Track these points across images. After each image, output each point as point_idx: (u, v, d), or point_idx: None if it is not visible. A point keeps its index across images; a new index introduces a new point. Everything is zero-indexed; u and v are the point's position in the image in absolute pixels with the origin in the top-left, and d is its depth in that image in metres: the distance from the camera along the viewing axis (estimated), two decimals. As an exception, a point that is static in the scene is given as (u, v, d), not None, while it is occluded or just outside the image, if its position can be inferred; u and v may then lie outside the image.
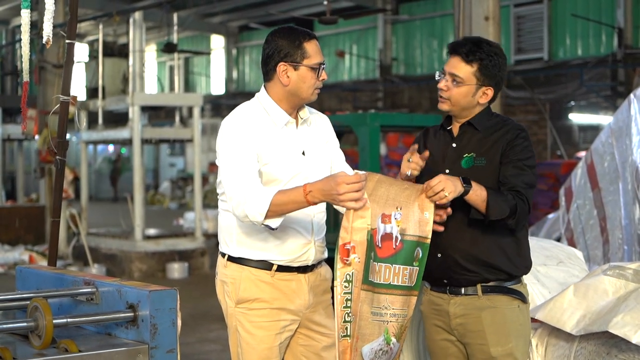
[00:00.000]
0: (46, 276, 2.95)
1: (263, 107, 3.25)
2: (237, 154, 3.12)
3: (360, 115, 7.98)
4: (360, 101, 22.17)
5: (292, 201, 2.96)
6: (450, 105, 3.28)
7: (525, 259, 3.31)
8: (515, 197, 3.11)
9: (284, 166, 3.20)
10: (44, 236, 13.42)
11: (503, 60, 3.27)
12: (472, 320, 3.24)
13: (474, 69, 3.22)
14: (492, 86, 3.25)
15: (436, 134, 3.42)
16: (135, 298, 2.49)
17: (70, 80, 3.69)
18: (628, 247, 5.96)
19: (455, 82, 3.24)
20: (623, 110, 6.41)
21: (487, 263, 3.22)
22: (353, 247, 2.88)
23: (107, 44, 13.37)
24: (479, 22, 6.57)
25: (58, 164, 3.70)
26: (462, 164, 3.25)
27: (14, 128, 15.86)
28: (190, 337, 7.47)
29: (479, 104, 3.27)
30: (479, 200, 3.09)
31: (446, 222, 3.19)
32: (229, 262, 3.28)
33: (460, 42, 3.32)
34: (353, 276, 2.90)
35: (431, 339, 3.41)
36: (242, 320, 3.24)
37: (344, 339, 2.97)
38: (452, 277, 3.27)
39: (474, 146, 3.27)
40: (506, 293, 3.23)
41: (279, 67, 3.19)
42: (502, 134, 3.24)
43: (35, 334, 2.41)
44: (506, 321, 3.21)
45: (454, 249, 3.24)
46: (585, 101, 17.96)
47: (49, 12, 3.23)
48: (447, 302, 3.29)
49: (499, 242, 3.22)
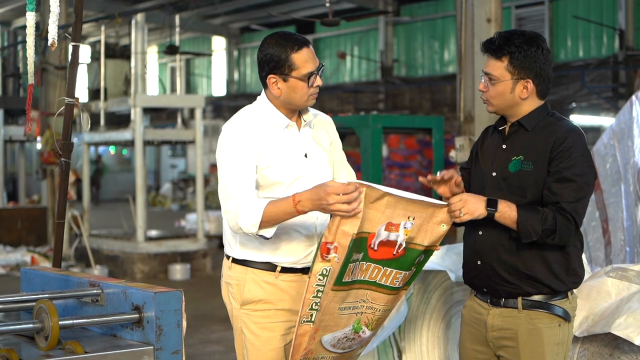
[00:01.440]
0: (51, 278, 2.95)
1: (263, 112, 3.27)
2: (233, 166, 3.14)
3: (363, 117, 7.99)
4: (362, 103, 22.19)
5: (282, 212, 2.98)
6: (492, 106, 3.16)
7: (575, 275, 3.12)
8: (557, 215, 2.94)
9: (286, 169, 3.21)
10: (45, 237, 13.43)
11: (538, 50, 3.07)
12: (509, 336, 3.12)
13: (504, 63, 3.08)
14: (531, 78, 3.07)
15: (492, 135, 3.28)
16: (141, 299, 2.49)
17: (75, 82, 3.70)
18: (630, 249, 5.96)
19: (491, 81, 3.12)
20: (625, 112, 6.41)
21: (527, 275, 3.07)
22: (335, 247, 2.88)
23: (109, 46, 13.40)
24: (481, 24, 6.57)
25: (63, 166, 3.71)
26: (509, 167, 3.10)
27: (16, 129, 15.86)
28: (193, 338, 7.48)
29: (522, 99, 3.10)
30: (508, 222, 2.98)
31: (486, 228, 3.10)
32: (233, 264, 3.30)
33: (491, 39, 3.17)
34: (329, 272, 2.91)
35: (464, 345, 3.32)
36: (247, 321, 3.26)
37: (305, 323, 2.99)
38: (491, 287, 3.15)
39: (522, 148, 3.11)
40: (548, 310, 3.07)
41: (269, 79, 3.19)
42: (549, 136, 3.06)
43: (41, 335, 2.42)
44: (543, 342, 3.07)
45: (493, 257, 3.12)
46: (586, 103, 17.97)
47: (54, 15, 3.24)
48: (487, 312, 3.18)
49: (544, 254, 3.05)
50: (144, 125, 11.79)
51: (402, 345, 4.51)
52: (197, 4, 18.49)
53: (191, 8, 18.49)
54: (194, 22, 23.20)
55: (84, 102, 12.89)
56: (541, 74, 3.09)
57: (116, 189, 28.30)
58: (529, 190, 3.05)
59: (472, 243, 3.20)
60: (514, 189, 3.08)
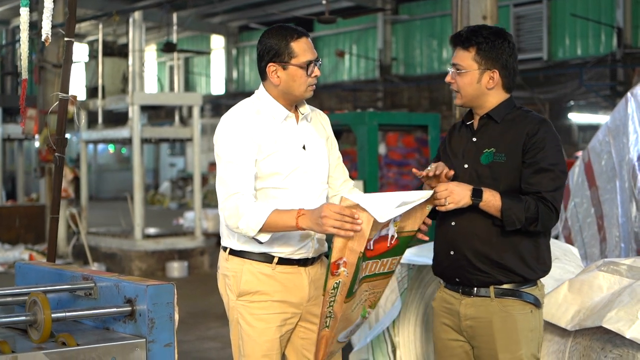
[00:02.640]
0: (45, 272, 2.97)
1: (262, 103, 3.30)
2: (233, 160, 3.17)
3: (359, 115, 8.01)
4: (360, 101, 22.20)
5: (283, 224, 3.04)
6: (461, 97, 3.23)
7: (544, 263, 3.22)
8: (539, 204, 3.03)
9: (284, 159, 3.24)
10: (44, 235, 13.45)
11: (505, 42, 3.17)
12: (483, 324, 3.18)
13: (472, 53, 3.17)
14: (497, 69, 3.16)
15: (460, 130, 3.34)
16: (133, 293, 2.51)
17: (69, 78, 3.72)
18: (625, 245, 5.98)
19: (458, 71, 3.20)
20: (620, 109, 6.43)
21: (499, 264, 3.14)
22: (344, 262, 2.94)
23: (107, 44, 13.40)
24: (477, 21, 6.58)
25: (57, 161, 3.72)
26: (481, 160, 3.17)
27: (14, 128, 15.89)
28: (190, 334, 7.50)
29: (489, 89, 3.18)
30: (492, 210, 3.05)
31: (460, 218, 3.16)
32: (230, 255, 3.32)
33: (459, 32, 3.27)
34: (339, 285, 2.97)
35: (438, 337, 3.36)
36: (243, 312, 3.28)
37: (324, 329, 3.07)
38: (464, 276, 3.21)
39: (493, 140, 3.18)
40: (519, 297, 3.15)
41: (268, 67, 3.24)
42: (522, 128, 3.13)
43: (34, 327, 2.43)
44: (517, 328, 3.14)
45: (467, 247, 3.18)
46: (584, 101, 17.99)
47: (48, 11, 3.26)
48: (458, 302, 3.24)
49: (515, 243, 3.13)
50: (141, 123, 11.81)
51: (396, 340, 4.52)
52: (196, 3, 18.50)
53: (189, 7, 18.50)
54: (193, 20, 23.20)
55: (82, 100, 12.88)
56: (507, 65, 3.19)
57: (115, 187, 28.30)
58: (502, 182, 3.12)
59: (445, 234, 3.26)
60: (487, 181, 3.15)
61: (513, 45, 3.22)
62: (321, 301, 3.34)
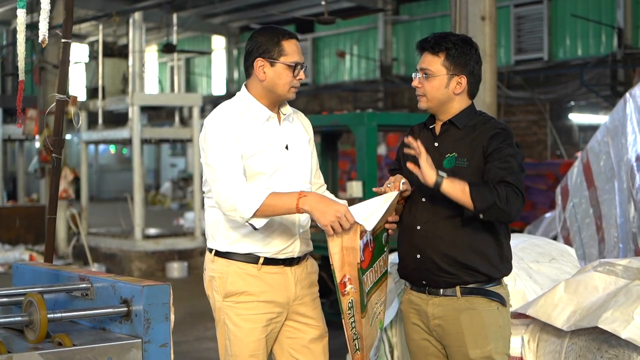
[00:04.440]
0: (42, 272, 2.99)
1: (244, 104, 3.33)
2: (223, 151, 3.19)
3: (358, 115, 8.01)
4: (361, 101, 22.20)
5: (282, 205, 3.06)
6: (427, 101, 3.25)
7: (507, 262, 3.27)
8: (504, 187, 3.04)
9: (268, 159, 3.27)
10: (44, 236, 13.43)
11: (473, 50, 3.23)
12: (451, 322, 3.22)
13: (441, 58, 3.19)
14: (465, 75, 3.21)
15: (421, 133, 3.36)
16: (129, 293, 2.53)
17: (66, 79, 3.73)
18: (623, 245, 5.99)
19: (426, 75, 3.22)
20: (619, 110, 6.44)
21: (465, 265, 3.18)
22: (349, 279, 2.99)
23: (107, 45, 13.42)
24: (475, 21, 6.60)
25: (54, 162, 3.73)
26: (444, 164, 3.20)
27: (15, 128, 15.90)
28: (189, 335, 7.51)
29: (456, 94, 3.22)
30: (458, 192, 3.04)
31: (425, 223, 3.22)
32: (216, 257, 3.34)
33: (426, 38, 3.29)
34: (353, 303, 3.03)
35: (410, 338, 3.40)
36: (229, 313, 3.30)
37: (356, 353, 3.11)
38: (430, 279, 3.24)
39: (455, 145, 3.22)
40: (485, 295, 3.20)
41: (256, 62, 3.28)
42: (482, 132, 3.19)
43: (30, 328, 2.45)
44: (485, 324, 3.19)
45: (433, 250, 3.21)
46: (585, 101, 17.98)
47: (45, 12, 3.28)
48: (425, 303, 3.28)
49: (478, 244, 3.18)
50: (141, 124, 11.83)
51: (393, 340, 4.53)
52: (196, 3, 18.52)
53: (190, 7, 18.52)
54: (194, 21, 23.21)
55: (82, 100, 12.90)
56: (473, 73, 3.25)
57: (116, 187, 28.31)
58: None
59: (410, 238, 3.29)
60: None
61: (479, 54, 3.29)
62: (308, 300, 3.37)
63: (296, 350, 3.40)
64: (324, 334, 3.46)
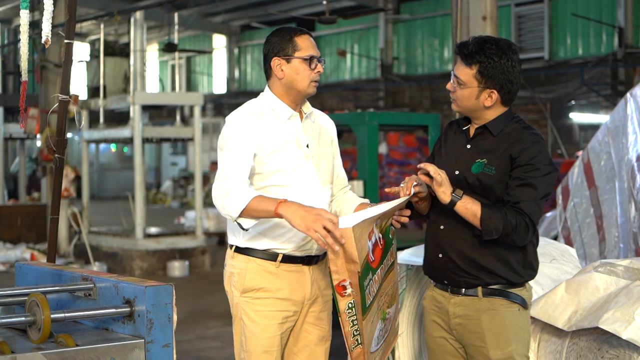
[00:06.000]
0: (45, 272, 2.99)
1: (267, 103, 3.38)
2: (232, 152, 3.23)
3: (359, 114, 8.01)
4: (362, 100, 22.21)
5: (263, 208, 3.04)
6: (458, 106, 3.24)
7: (531, 268, 3.24)
8: (517, 215, 3.04)
9: (287, 157, 3.30)
10: (45, 235, 13.46)
11: (508, 62, 3.14)
12: (472, 322, 3.22)
13: (473, 71, 3.15)
14: (496, 89, 3.15)
15: (457, 132, 3.35)
16: (132, 293, 2.53)
17: (69, 79, 3.74)
18: (624, 245, 6.00)
19: (459, 84, 3.20)
20: (619, 109, 6.45)
21: (486, 268, 3.18)
22: (350, 283, 2.97)
23: (108, 44, 13.41)
24: (476, 21, 6.61)
25: (57, 162, 3.75)
26: (472, 168, 3.18)
27: (16, 127, 15.90)
28: (190, 334, 7.52)
29: (486, 107, 3.18)
30: (469, 215, 3.07)
31: (448, 223, 3.21)
32: (236, 253, 3.38)
33: (464, 42, 3.23)
34: (354, 304, 3.01)
35: (429, 335, 3.40)
36: (246, 309, 3.33)
37: (356, 348, 3.09)
38: (451, 278, 3.25)
39: (487, 152, 3.19)
40: (506, 297, 3.19)
41: (273, 62, 3.34)
42: (514, 143, 3.14)
43: (34, 328, 2.45)
44: (506, 324, 3.18)
45: (454, 251, 3.21)
46: (585, 100, 17.99)
47: (48, 13, 3.28)
48: (447, 301, 3.28)
49: (501, 250, 3.15)
50: (142, 123, 11.83)
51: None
52: (197, 2, 18.52)
53: (191, 6, 18.52)
54: (195, 20, 23.23)
55: (84, 99, 12.90)
56: (507, 85, 3.17)
57: (117, 186, 28.32)
58: (490, 193, 3.14)
59: (434, 237, 3.30)
60: (476, 189, 3.17)
61: (517, 62, 3.18)
62: (321, 301, 3.38)
63: (299, 349, 3.42)
64: (328, 337, 3.48)
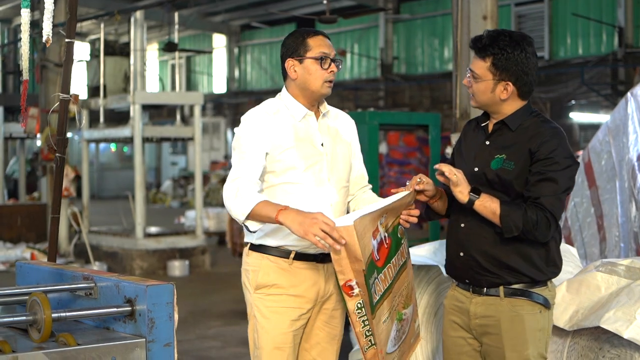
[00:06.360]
0: (45, 272, 2.99)
1: (283, 103, 3.40)
2: (243, 150, 3.27)
3: (359, 114, 8.01)
4: (362, 100, 22.21)
5: (265, 214, 3.07)
6: (476, 102, 3.23)
7: (554, 265, 3.22)
8: (537, 211, 3.03)
9: (301, 155, 3.31)
10: (45, 234, 13.46)
11: (522, 53, 3.13)
12: (492, 323, 3.20)
13: (487, 64, 3.14)
14: (512, 81, 3.13)
15: (475, 129, 3.35)
16: (133, 293, 2.53)
17: (69, 79, 3.74)
18: (625, 245, 5.99)
19: (474, 78, 3.19)
20: (620, 109, 6.44)
21: (508, 266, 3.16)
22: (357, 282, 2.96)
23: (108, 43, 13.41)
24: (477, 21, 6.59)
25: (58, 162, 3.74)
26: (491, 164, 3.17)
27: (16, 127, 15.89)
28: (190, 333, 7.52)
29: (502, 100, 3.16)
30: (489, 213, 3.06)
31: (469, 221, 3.19)
32: (250, 250, 3.40)
33: (479, 36, 3.23)
34: (363, 304, 3.00)
35: (447, 334, 3.39)
36: (259, 305, 3.34)
37: (370, 348, 3.07)
38: (473, 277, 3.23)
39: (506, 147, 3.18)
40: (529, 297, 3.17)
41: (287, 63, 3.37)
42: (533, 137, 3.13)
43: (35, 327, 2.45)
44: (525, 328, 3.16)
45: (476, 249, 3.20)
46: (585, 100, 18.00)
47: (48, 12, 3.28)
48: (469, 301, 3.26)
49: (523, 245, 3.13)
50: (143, 122, 11.83)
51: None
52: (197, 2, 18.52)
53: (191, 5, 18.51)
54: (195, 19, 23.23)
55: (84, 99, 12.90)
56: (522, 77, 3.15)
57: (117, 185, 28.32)
58: (510, 188, 3.13)
59: (455, 235, 3.29)
60: (496, 186, 3.16)
61: (532, 54, 3.18)
62: (335, 300, 3.37)
63: (311, 346, 3.42)
64: (340, 336, 3.48)
